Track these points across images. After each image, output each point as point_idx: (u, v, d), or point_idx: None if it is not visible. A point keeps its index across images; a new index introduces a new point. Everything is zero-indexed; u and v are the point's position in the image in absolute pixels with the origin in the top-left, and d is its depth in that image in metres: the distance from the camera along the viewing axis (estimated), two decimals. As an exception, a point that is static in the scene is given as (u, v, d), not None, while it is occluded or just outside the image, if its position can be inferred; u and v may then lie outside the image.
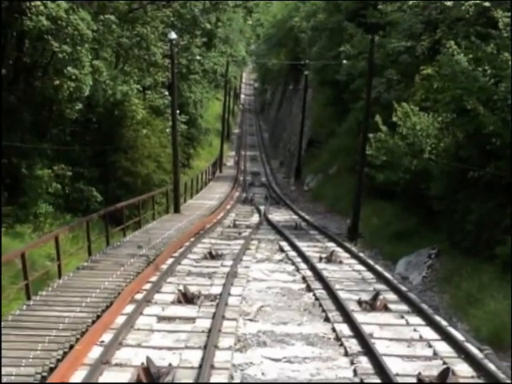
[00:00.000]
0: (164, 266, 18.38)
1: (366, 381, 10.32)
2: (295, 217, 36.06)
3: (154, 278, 16.72)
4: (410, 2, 31.25)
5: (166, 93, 36.84)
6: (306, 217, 35.67)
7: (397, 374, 10.39)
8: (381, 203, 33.23)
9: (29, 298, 14.11)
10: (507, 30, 22.95)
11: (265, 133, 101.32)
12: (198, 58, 44.23)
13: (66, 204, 27.33)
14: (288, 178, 63.49)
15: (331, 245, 24.64)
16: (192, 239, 24.15)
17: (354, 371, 10.80)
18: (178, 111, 35.27)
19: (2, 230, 21.18)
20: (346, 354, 11.67)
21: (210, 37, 47.65)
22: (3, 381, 9.23)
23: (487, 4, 24.30)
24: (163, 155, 35.51)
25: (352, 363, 11.18)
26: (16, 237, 21.59)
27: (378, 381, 10.29)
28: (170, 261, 19.33)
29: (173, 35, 31.57)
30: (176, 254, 20.54)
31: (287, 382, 10.32)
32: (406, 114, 26.32)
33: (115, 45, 29.79)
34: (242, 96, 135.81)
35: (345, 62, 41.15)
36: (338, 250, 23.27)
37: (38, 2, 20.49)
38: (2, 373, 9.44)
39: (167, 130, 36.58)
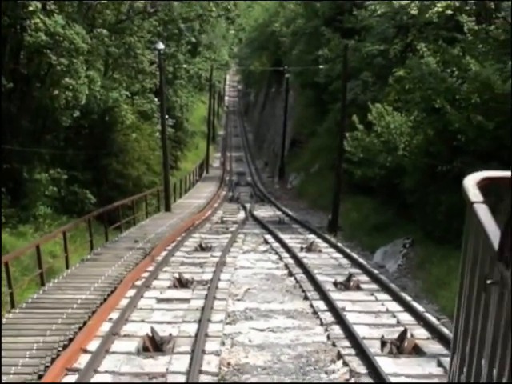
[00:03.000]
0: (159, 258, 20.19)
1: (337, 343, 12.14)
2: (279, 213, 37.54)
3: (150, 268, 18.54)
4: (379, 11, 32.75)
5: (156, 99, 38.09)
6: (290, 212, 37.19)
7: (363, 338, 12.22)
8: (360, 198, 34.69)
9: (43, 284, 15.89)
10: (471, 33, 24.71)
11: (249, 134, 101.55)
12: (184, 66, 45.59)
13: (62, 206, 28.59)
14: (272, 177, 64.47)
15: (312, 236, 26.39)
16: (183, 234, 25.89)
17: (328, 336, 12.64)
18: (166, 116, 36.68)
19: (7, 230, 22.83)
20: (322, 324, 13.51)
21: (195, 44, 48.97)
22: (40, 341, 11.02)
23: (449, 12, 25.84)
24: (152, 158, 36.86)
25: (326, 330, 13.03)
26: (20, 236, 23.21)
27: (347, 343, 12.12)
28: (164, 253, 21.15)
29: (160, 45, 33.04)
30: (169, 247, 22.34)
31: None
32: (381, 114, 27.66)
33: (105, 54, 31.17)
34: (226, 98, 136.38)
35: (321, 67, 42.56)
36: (318, 240, 25.05)
37: (38, 20, 22.06)
38: (32, 340, 11.25)
39: (156, 134, 37.95)
